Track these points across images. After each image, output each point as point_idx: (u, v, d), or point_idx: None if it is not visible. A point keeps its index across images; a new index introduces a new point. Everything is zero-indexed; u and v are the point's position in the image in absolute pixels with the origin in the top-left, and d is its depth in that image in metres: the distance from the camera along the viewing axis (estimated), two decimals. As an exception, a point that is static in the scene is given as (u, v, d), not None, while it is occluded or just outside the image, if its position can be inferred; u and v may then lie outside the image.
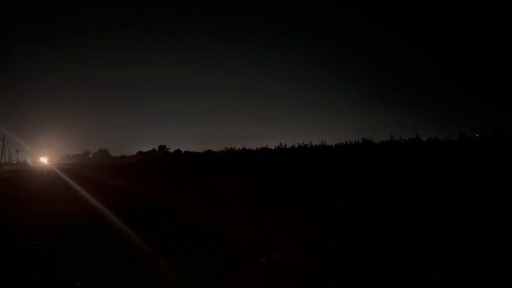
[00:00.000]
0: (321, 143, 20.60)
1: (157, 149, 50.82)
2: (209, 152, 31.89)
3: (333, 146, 19.92)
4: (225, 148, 28.83)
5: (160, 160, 38.45)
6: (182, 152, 42.23)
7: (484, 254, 3.59)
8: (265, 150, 24.16)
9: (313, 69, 66.55)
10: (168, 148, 49.43)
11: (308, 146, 21.25)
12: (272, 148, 23.97)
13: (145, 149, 51.57)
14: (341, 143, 19.65)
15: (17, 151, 50.78)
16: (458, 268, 3.24)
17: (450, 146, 14.22)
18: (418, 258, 3.53)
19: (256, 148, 25.65)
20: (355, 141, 18.93)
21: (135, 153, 50.93)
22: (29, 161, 44.43)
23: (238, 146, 28.67)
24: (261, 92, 74.66)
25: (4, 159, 47.06)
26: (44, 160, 50.84)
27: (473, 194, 6.78)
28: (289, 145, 22.94)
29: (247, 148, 26.64)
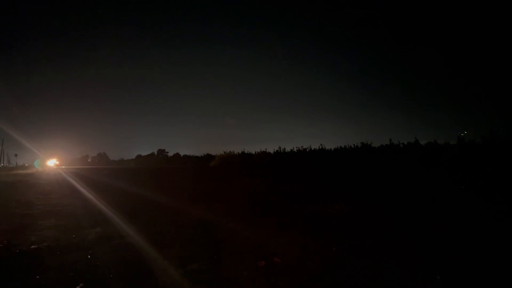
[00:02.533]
0: (320, 147, 20.66)
1: (156, 152, 50.80)
2: (208, 156, 31.93)
3: (332, 150, 19.96)
4: (224, 151, 28.90)
5: (159, 164, 38.43)
6: (181, 155, 42.27)
7: (483, 255, 3.60)
8: (264, 154, 24.18)
9: (313, 72, 66.70)
10: (167, 152, 49.43)
11: (307, 150, 21.29)
12: (272, 152, 24.02)
13: (144, 153, 51.53)
14: (340, 147, 19.71)
15: (16, 155, 50.63)
16: (457, 269, 3.25)
17: (449, 150, 14.26)
18: (417, 260, 3.54)
19: (255, 152, 25.71)
20: (354, 145, 18.98)
21: (134, 157, 50.90)
22: (36, 164, 41.93)
23: (237, 149, 28.77)
24: (260, 95, 74.75)
25: (3, 163, 46.89)
26: (51, 163, 45.75)
27: (472, 196, 6.80)
28: (288, 149, 23.00)
29: (246, 151, 26.71)
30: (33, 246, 4.46)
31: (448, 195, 7.29)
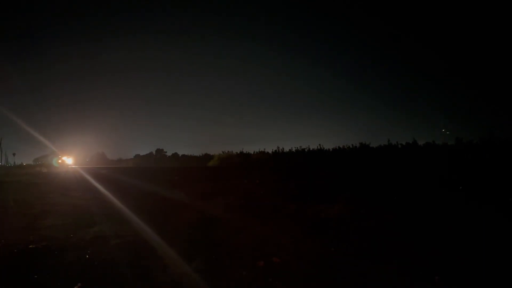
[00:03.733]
0: (319, 147, 20.67)
1: (154, 152, 50.76)
2: (206, 156, 31.96)
3: (331, 150, 19.98)
4: (222, 151, 28.95)
5: (158, 164, 38.42)
6: (180, 155, 42.27)
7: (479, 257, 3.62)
8: (263, 154, 24.20)
9: (312, 72, 66.67)
10: (166, 152, 49.35)
11: (306, 150, 21.30)
12: (270, 152, 24.02)
13: (142, 152, 51.51)
14: (339, 147, 19.73)
15: (14, 154, 50.25)
16: (456, 270, 3.26)
17: (447, 151, 14.31)
18: (416, 261, 3.55)
19: (254, 152, 25.75)
20: (352, 145, 19.01)
21: (133, 156, 50.90)
22: (53, 162, 37.94)
23: (236, 149, 28.76)
24: (259, 95, 74.55)
25: (1, 162, 46.53)
26: (69, 160, 38.18)
27: (471, 196, 6.81)
28: (286, 149, 23.01)
29: (245, 151, 26.73)
30: (31, 246, 4.45)
31: (446, 195, 7.30)
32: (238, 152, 27.27)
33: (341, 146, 19.61)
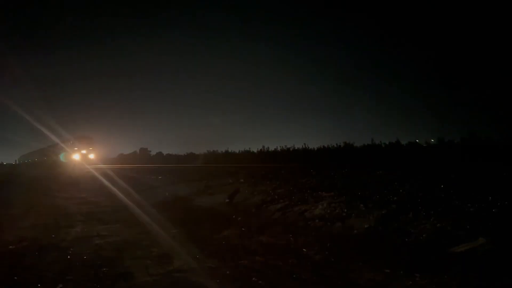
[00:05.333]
0: (304, 146, 20.75)
1: (138, 151, 50.07)
2: (192, 155, 31.69)
3: (315, 149, 20.08)
4: (208, 150, 28.71)
5: (142, 163, 37.87)
6: (164, 154, 41.82)
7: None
8: (248, 153, 24.14)
9: (297, 73, 66.90)
10: (150, 151, 48.73)
11: (291, 149, 21.34)
12: (255, 151, 23.97)
13: (126, 151, 50.70)
14: (323, 146, 19.83)
15: None
16: (437, 268, 3.34)
17: (429, 149, 14.62)
18: (400, 260, 3.62)
19: (239, 151, 25.63)
20: (337, 144, 19.15)
21: (116, 156, 50.10)
22: (61, 157, 33.33)
23: (221, 149, 28.53)
24: (244, 95, 74.33)
25: None
26: (77, 156, 31.59)
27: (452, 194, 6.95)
28: (272, 148, 22.99)
29: (230, 151, 26.60)
30: (11, 247, 4.37)
31: (428, 193, 7.43)
32: (224, 151, 27.13)
33: (325, 146, 19.74)
